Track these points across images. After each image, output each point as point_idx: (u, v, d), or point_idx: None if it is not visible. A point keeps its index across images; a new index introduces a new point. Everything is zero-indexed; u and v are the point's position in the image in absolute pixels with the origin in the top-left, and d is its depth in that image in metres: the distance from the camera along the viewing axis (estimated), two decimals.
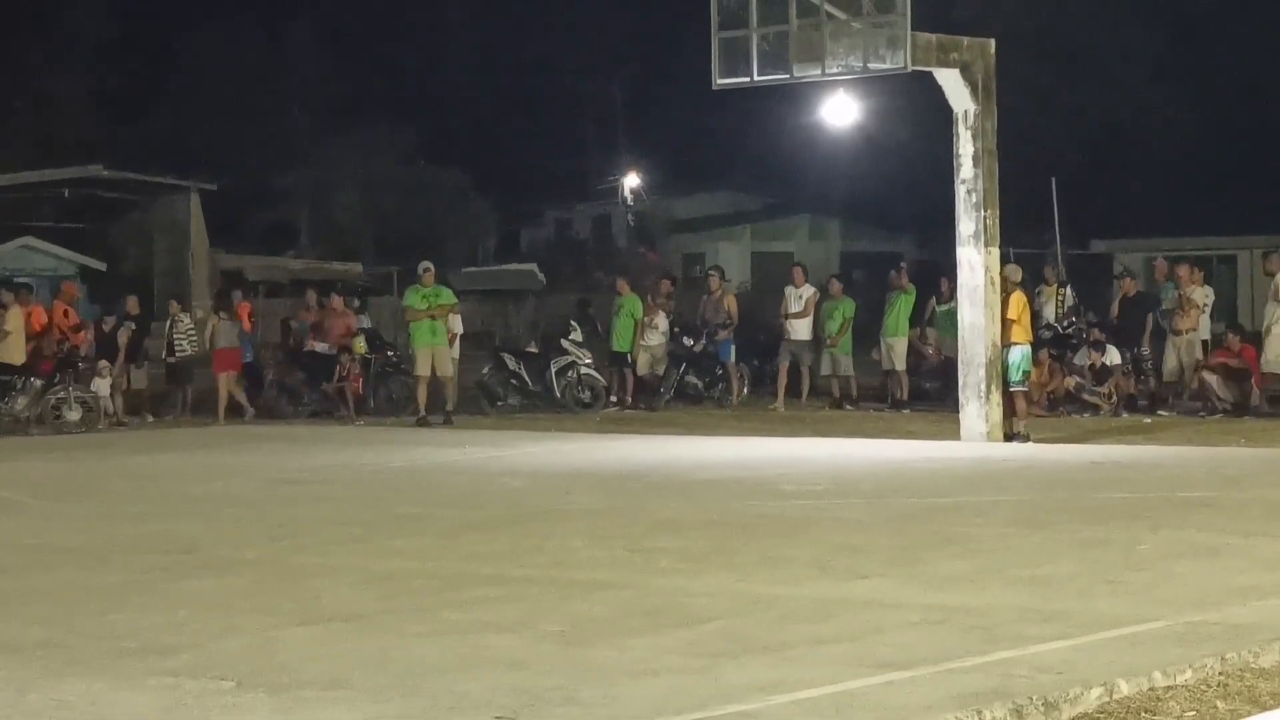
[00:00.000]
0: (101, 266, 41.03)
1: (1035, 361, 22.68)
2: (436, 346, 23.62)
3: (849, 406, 24.70)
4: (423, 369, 23.66)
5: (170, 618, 8.96)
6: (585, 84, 66.86)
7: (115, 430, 23.27)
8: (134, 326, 24.97)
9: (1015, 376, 19.46)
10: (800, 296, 25.31)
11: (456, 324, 26.28)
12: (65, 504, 14.84)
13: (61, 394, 23.24)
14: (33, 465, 18.53)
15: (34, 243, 41.06)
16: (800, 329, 25.14)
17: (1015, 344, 19.45)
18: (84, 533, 12.73)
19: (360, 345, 25.22)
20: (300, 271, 43.45)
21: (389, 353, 26.07)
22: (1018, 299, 19.64)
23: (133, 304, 25.66)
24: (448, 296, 24.35)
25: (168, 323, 25.84)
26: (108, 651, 8.14)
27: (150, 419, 24.63)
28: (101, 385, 23.91)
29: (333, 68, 62.92)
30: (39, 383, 23.32)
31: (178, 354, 25.31)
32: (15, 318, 23.66)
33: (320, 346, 25.35)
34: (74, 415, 23.18)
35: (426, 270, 24.49)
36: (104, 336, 24.64)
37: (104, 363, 24.03)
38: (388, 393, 25.43)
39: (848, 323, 25.03)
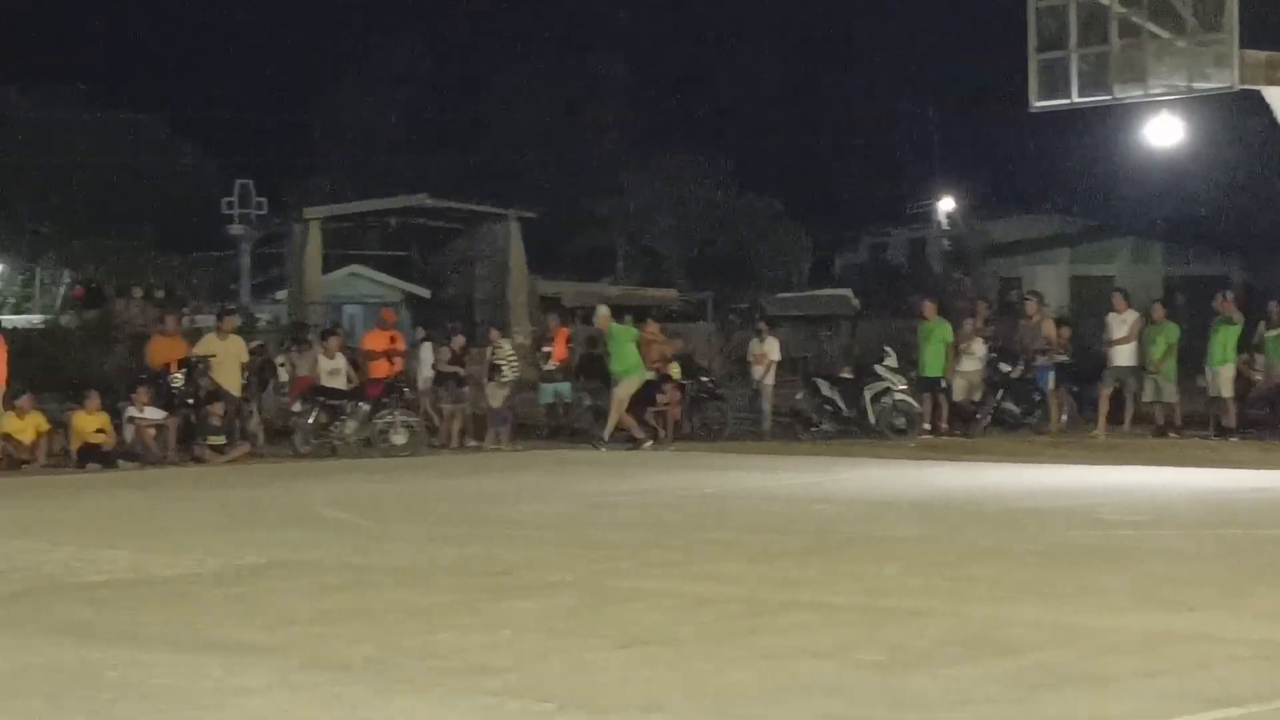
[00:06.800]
0: (425, 293, 42.11)
1: None
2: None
3: (1173, 434, 24.06)
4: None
5: (492, 638, 9.12)
6: (899, 107, 66.50)
7: (438, 452, 23.87)
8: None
9: None
10: (1124, 322, 24.81)
11: (773, 350, 26.39)
12: (391, 525, 15.23)
13: (389, 418, 23.91)
14: (362, 487, 19.04)
15: (361, 270, 42.38)
16: (1124, 355, 24.62)
17: None
18: (408, 553, 13.02)
19: (676, 370, 25.44)
20: (616, 297, 44.00)
21: (704, 378, 26.25)
22: None
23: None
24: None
25: (488, 349, 26.42)
26: (432, 670, 8.31)
27: (471, 442, 25.18)
28: (496, 395, 25.00)
29: (646, 96, 63.73)
30: (366, 407, 24.02)
31: (499, 379, 25.88)
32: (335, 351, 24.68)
33: None
34: (400, 439, 23.83)
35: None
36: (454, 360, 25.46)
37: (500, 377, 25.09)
38: (703, 418, 25.60)
39: (1172, 349, 24.43)
